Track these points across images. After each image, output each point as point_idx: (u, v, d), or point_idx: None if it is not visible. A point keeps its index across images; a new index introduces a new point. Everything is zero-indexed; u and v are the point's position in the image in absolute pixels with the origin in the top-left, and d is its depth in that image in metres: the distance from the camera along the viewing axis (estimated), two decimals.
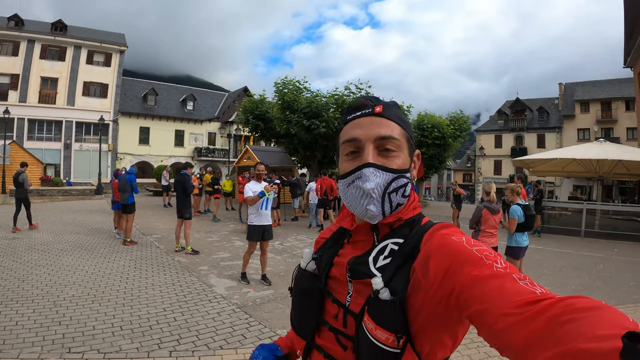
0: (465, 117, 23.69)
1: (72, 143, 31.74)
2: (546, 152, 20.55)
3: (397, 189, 0.92)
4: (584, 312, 0.53)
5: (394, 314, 0.79)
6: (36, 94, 30.72)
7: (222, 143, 40.33)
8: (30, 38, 30.58)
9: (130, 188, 9.33)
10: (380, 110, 0.95)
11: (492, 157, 44.61)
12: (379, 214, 0.91)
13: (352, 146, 0.95)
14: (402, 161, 0.94)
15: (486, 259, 0.73)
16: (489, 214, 5.81)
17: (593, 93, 39.45)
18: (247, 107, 18.87)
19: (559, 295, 0.60)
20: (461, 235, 0.83)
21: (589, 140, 36.49)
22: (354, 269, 0.92)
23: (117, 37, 35.53)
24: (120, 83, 34.08)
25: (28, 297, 5.57)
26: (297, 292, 1.07)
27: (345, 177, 0.95)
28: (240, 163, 22.71)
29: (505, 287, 0.65)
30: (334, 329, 0.93)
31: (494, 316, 0.62)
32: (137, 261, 7.92)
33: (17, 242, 9.39)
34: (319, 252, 1.10)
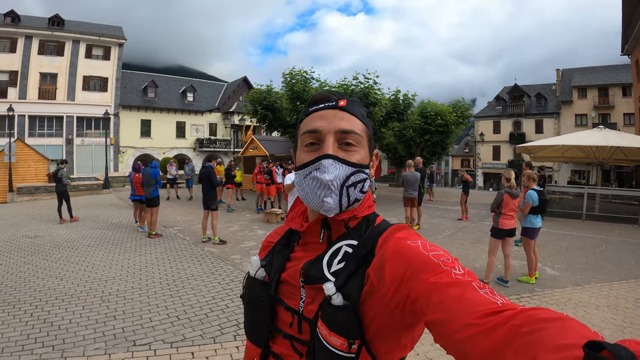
0: (467, 103, 23.86)
1: (73, 138, 31.64)
2: (548, 139, 20.94)
3: (356, 183, 0.92)
4: (545, 322, 0.53)
5: (347, 319, 0.78)
6: (36, 90, 30.53)
7: (223, 133, 40.34)
8: (27, 34, 30.27)
9: (154, 182, 9.51)
10: (344, 104, 0.95)
11: (491, 143, 44.95)
12: (336, 206, 0.90)
13: (313, 138, 0.94)
14: (361, 156, 0.94)
15: (443, 265, 0.72)
16: (510, 198, 6.26)
17: (590, 79, 39.78)
18: (255, 98, 18.99)
19: (520, 306, 0.60)
20: (417, 238, 0.83)
21: (587, 125, 36.94)
22: (307, 274, 0.91)
23: (115, 30, 35.21)
24: (120, 76, 33.87)
25: (72, 294, 5.69)
26: (248, 301, 1.03)
27: (302, 168, 0.94)
28: (246, 153, 22.89)
29: (465, 297, 0.65)
30: (288, 336, 0.92)
31: (454, 326, 0.62)
32: (169, 253, 8.11)
33: (40, 240, 9.46)
34: (267, 257, 1.07)
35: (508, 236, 6.34)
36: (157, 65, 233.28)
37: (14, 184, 19.38)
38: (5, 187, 19.31)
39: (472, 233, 11.02)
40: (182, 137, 37.94)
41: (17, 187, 19.60)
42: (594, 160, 17.47)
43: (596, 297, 5.92)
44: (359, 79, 17.42)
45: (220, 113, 40.10)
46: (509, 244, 6.45)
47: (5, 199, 19.05)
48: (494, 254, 6.33)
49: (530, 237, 6.55)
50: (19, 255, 7.94)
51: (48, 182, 21.10)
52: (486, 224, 12.41)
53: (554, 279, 6.78)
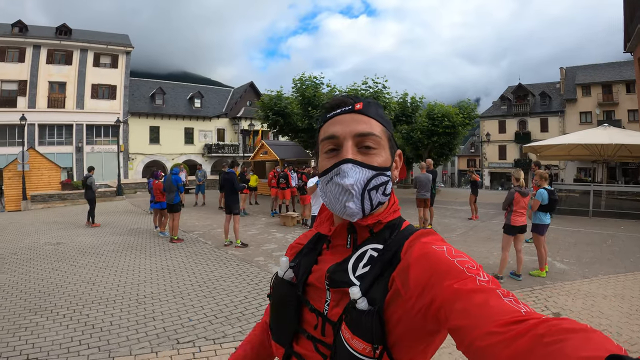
0: (473, 104, 24.07)
1: (83, 146, 32.03)
2: (554, 138, 21.17)
3: (378, 186, 0.91)
4: (568, 333, 0.52)
5: (371, 324, 0.78)
6: (45, 98, 30.94)
7: (231, 139, 40.71)
8: (35, 44, 30.71)
9: (176, 188, 9.77)
10: (360, 107, 0.94)
11: (497, 143, 45.08)
12: (359, 211, 0.90)
13: (332, 143, 0.94)
14: (382, 159, 0.93)
15: (468, 271, 0.72)
16: (520, 196, 6.60)
17: (594, 76, 39.87)
18: (265, 104, 19.28)
19: (544, 315, 0.59)
20: (442, 244, 0.82)
21: (592, 123, 37.03)
22: (332, 277, 0.91)
23: (122, 39, 35.69)
24: (128, 84, 34.30)
25: (107, 298, 5.88)
26: (275, 301, 1.04)
27: (324, 174, 0.94)
28: (256, 158, 23.14)
29: (489, 304, 0.64)
30: (312, 338, 0.92)
31: (476, 333, 0.61)
32: (193, 257, 8.37)
33: (63, 247, 9.64)
34: (295, 259, 1.08)
35: (519, 232, 6.68)
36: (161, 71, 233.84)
37: (27, 192, 19.71)
38: (19, 196, 19.67)
39: (483, 232, 11.27)
40: (191, 143, 38.35)
41: (31, 195, 19.91)
42: (599, 157, 17.88)
43: (604, 288, 6.22)
44: (368, 83, 17.70)
45: (228, 118, 40.48)
46: (520, 239, 6.79)
47: (20, 207, 19.39)
48: (507, 250, 6.67)
49: (540, 233, 6.88)
50: (45, 262, 8.12)
51: (61, 190, 21.47)
52: (495, 223, 12.75)
53: (564, 272, 7.11)
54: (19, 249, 9.56)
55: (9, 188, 19.98)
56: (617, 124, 30.59)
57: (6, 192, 19.95)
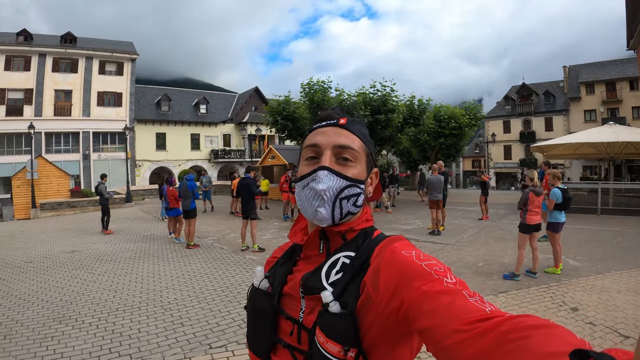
0: (479, 106, 24.17)
1: (90, 153, 32.18)
2: (561, 137, 21.30)
3: (350, 196, 0.95)
4: (533, 329, 0.53)
5: (344, 326, 0.80)
6: (51, 107, 31.11)
7: (237, 144, 40.85)
8: (41, 52, 30.92)
9: (192, 194, 9.85)
10: (344, 122, 1.00)
11: (502, 143, 45.13)
12: (329, 217, 0.94)
13: (312, 151, 0.99)
14: (357, 172, 0.97)
15: (435, 274, 0.74)
16: (534, 196, 6.76)
17: (597, 74, 39.89)
18: (274, 109, 19.38)
19: (508, 313, 0.61)
20: (411, 249, 0.85)
21: (596, 121, 37.08)
22: (306, 284, 0.93)
23: (127, 46, 35.90)
24: (133, 91, 34.45)
25: (131, 305, 5.88)
26: (251, 311, 1.05)
27: (301, 180, 0.98)
28: (264, 162, 23.22)
29: (455, 304, 0.66)
30: (288, 346, 0.94)
31: (442, 333, 0.63)
32: (212, 262, 8.41)
33: (79, 255, 9.63)
34: (271, 270, 1.10)
35: (534, 231, 6.84)
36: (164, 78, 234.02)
37: (36, 200, 19.72)
38: (28, 204, 19.68)
39: (495, 231, 11.36)
40: (197, 149, 38.46)
41: (40, 203, 19.89)
42: (606, 155, 18.00)
43: (617, 283, 6.39)
44: (376, 86, 17.76)
45: (234, 124, 40.59)
46: (535, 238, 6.94)
47: (29, 215, 19.42)
48: (523, 248, 6.79)
49: (556, 231, 7.04)
50: (63, 270, 8.10)
51: (71, 198, 21.53)
52: (506, 223, 12.87)
53: (577, 269, 7.26)
54: (34, 257, 9.58)
55: (17, 196, 20.02)
56: (621, 122, 30.54)
57: (15, 201, 19.99)
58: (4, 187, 28.88)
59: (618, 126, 17.27)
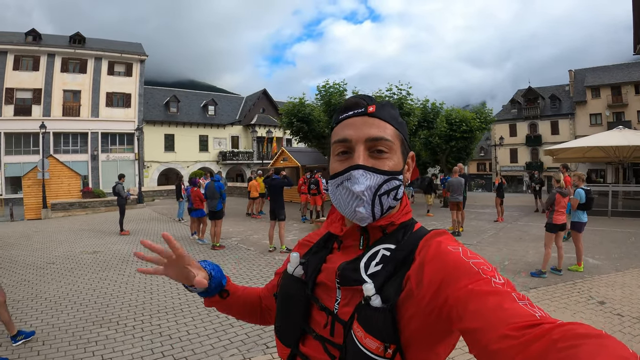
0: (489, 109, 24.26)
1: (98, 154, 32.14)
2: (573, 141, 21.47)
3: (389, 191, 0.91)
4: (583, 339, 0.51)
5: (385, 322, 0.78)
6: (60, 107, 31.06)
7: (245, 146, 40.94)
8: (50, 52, 30.90)
9: (219, 195, 9.86)
10: (373, 110, 0.93)
11: (508, 146, 45.05)
12: (369, 216, 0.90)
13: (343, 147, 0.93)
14: (394, 163, 0.92)
15: (483, 272, 0.72)
16: (561, 197, 7.07)
17: (603, 78, 39.97)
18: (289, 110, 19.44)
19: (559, 320, 0.59)
20: (457, 245, 0.82)
21: (602, 125, 37.28)
22: (344, 274, 0.90)
23: (136, 47, 35.93)
24: (142, 92, 34.45)
25: (172, 307, 5.78)
26: (283, 298, 1.02)
27: (334, 178, 0.93)
28: (276, 164, 23.26)
29: (503, 307, 0.63)
30: (320, 337, 0.90)
31: (489, 336, 0.61)
32: (242, 263, 8.40)
33: (102, 256, 9.48)
34: (305, 256, 1.05)
35: (560, 230, 7.16)
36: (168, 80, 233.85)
37: (47, 200, 19.70)
38: (39, 204, 19.66)
39: (512, 232, 11.60)
40: (205, 151, 38.51)
41: (52, 203, 19.83)
42: (615, 159, 18.55)
43: (637, 279, 6.78)
44: (392, 89, 17.82)
45: (242, 126, 40.69)
46: (560, 236, 7.27)
47: (40, 215, 19.39)
48: (550, 246, 7.10)
49: (579, 231, 7.39)
50: (90, 272, 7.93)
51: (82, 198, 21.52)
52: (521, 224, 13.11)
53: (598, 267, 7.62)
54: (55, 258, 9.41)
55: (28, 196, 20.00)
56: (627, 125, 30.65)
57: (26, 200, 19.96)
58: (12, 186, 28.92)
59: (628, 130, 17.87)
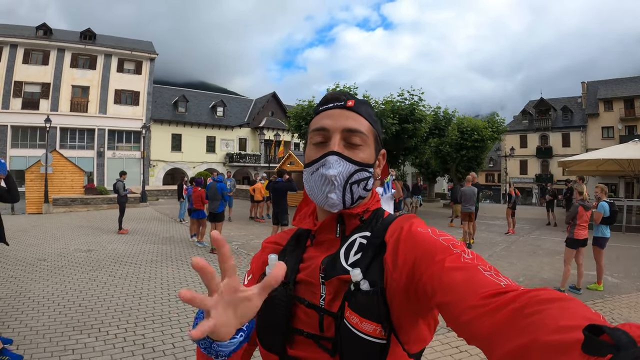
0: (501, 119, 23.89)
1: (105, 151, 32.06)
2: (588, 153, 21.13)
3: (359, 181, 0.94)
4: (547, 303, 0.53)
5: (378, 304, 0.79)
6: (68, 102, 31.09)
7: (252, 148, 40.71)
8: (60, 47, 31.01)
9: (221, 196, 9.46)
10: (352, 104, 0.96)
11: (518, 157, 44.36)
12: (340, 202, 0.92)
13: (320, 136, 0.96)
14: (366, 155, 0.96)
15: (453, 247, 0.74)
16: (583, 210, 6.60)
17: (616, 91, 39.49)
18: (298, 114, 19.05)
19: (523, 287, 0.61)
20: (426, 227, 0.86)
21: (614, 138, 36.97)
22: (327, 269, 0.90)
23: (146, 45, 35.95)
24: (151, 90, 34.42)
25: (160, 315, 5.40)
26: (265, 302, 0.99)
27: (310, 165, 0.96)
28: (282, 168, 22.95)
29: (472, 279, 0.66)
30: (312, 336, 0.89)
31: (459, 308, 0.63)
32: (241, 270, 7.81)
33: (96, 254, 9.12)
34: (280, 257, 1.02)
35: (581, 246, 6.64)
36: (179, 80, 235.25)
37: (49, 195, 19.50)
38: (41, 198, 19.44)
39: (525, 246, 11.19)
40: (212, 152, 38.37)
41: (53, 198, 19.64)
42: (629, 173, 18.12)
43: None
44: (404, 95, 17.45)
45: (250, 128, 40.49)
46: (581, 253, 6.74)
47: (41, 210, 19.18)
48: (569, 263, 6.64)
49: (601, 247, 6.86)
50: (80, 271, 7.58)
51: (84, 194, 21.27)
52: (533, 237, 12.81)
53: (617, 286, 7.20)
54: (47, 254, 9.11)
55: (30, 190, 19.75)
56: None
57: (27, 194, 19.68)
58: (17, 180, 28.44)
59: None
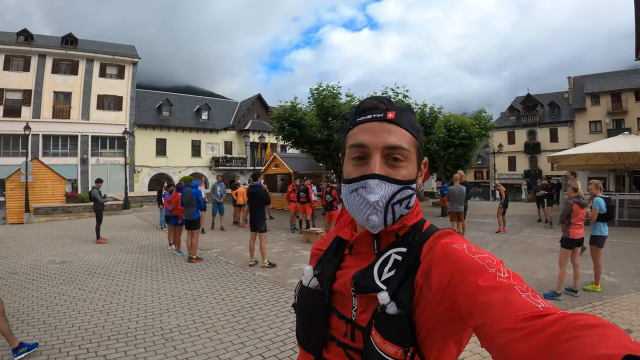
0: (489, 115, 23.74)
1: (88, 157, 31.41)
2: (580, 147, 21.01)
3: (402, 200, 0.89)
4: (586, 329, 0.51)
5: (402, 327, 0.78)
6: (50, 109, 30.39)
7: (238, 151, 40.27)
8: (41, 52, 30.28)
9: (196, 203, 9.03)
10: (392, 116, 0.90)
11: (506, 154, 44.47)
12: (381, 224, 0.89)
13: (359, 152, 0.90)
14: (409, 172, 0.90)
15: (489, 267, 0.71)
16: (579, 208, 6.26)
17: (602, 85, 39.70)
18: (280, 115, 18.59)
19: (562, 311, 0.59)
20: (462, 242, 0.82)
21: (601, 132, 37.30)
22: (358, 283, 0.89)
23: (128, 49, 35.32)
24: (134, 95, 33.80)
25: (126, 332, 5.01)
26: (302, 310, 1.03)
27: (349, 183, 0.91)
28: (268, 171, 22.56)
29: (508, 300, 0.63)
30: (342, 344, 0.91)
31: (495, 330, 0.61)
32: (218, 279, 7.60)
33: (69, 266, 8.70)
34: (318, 266, 1.05)
35: (577, 246, 6.38)
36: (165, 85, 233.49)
37: (30, 204, 18.96)
38: (22, 208, 18.92)
39: (517, 245, 11.00)
40: (198, 156, 37.89)
41: (34, 207, 19.16)
42: (620, 166, 17.91)
43: None
44: (387, 93, 17.17)
45: (235, 131, 40.06)
46: (577, 253, 6.51)
47: (22, 220, 18.64)
48: (565, 264, 6.34)
49: (599, 246, 6.62)
50: (49, 285, 7.21)
51: (66, 203, 20.81)
52: (525, 236, 12.68)
53: (615, 285, 6.92)
54: (19, 267, 8.68)
55: (11, 200, 19.27)
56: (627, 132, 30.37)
57: (8, 204, 19.21)
58: None
59: (635, 136, 17.49)
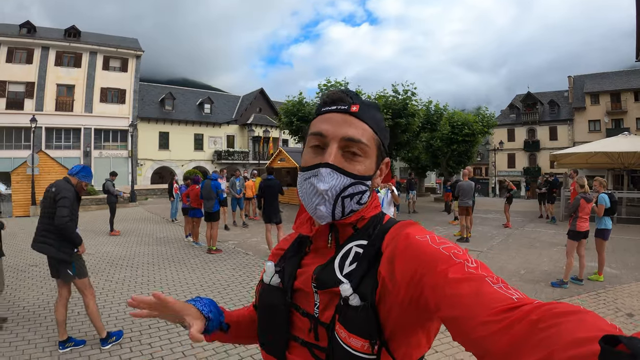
0: (491, 113, 24.02)
1: (91, 150, 31.42)
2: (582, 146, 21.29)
3: (353, 195, 0.88)
4: (563, 316, 0.53)
5: (366, 319, 0.77)
6: (53, 101, 30.37)
7: (241, 145, 40.41)
8: (44, 45, 30.20)
9: (215, 195, 9.24)
10: (356, 109, 0.89)
11: (506, 151, 44.79)
12: (328, 215, 0.88)
13: (318, 140, 0.90)
14: (365, 168, 0.90)
15: (455, 257, 0.71)
16: (585, 202, 6.73)
17: (602, 85, 40.07)
18: (289, 110, 18.82)
19: (536, 301, 0.60)
20: (425, 233, 0.81)
21: (600, 131, 37.68)
22: (319, 278, 0.88)
23: (132, 42, 35.30)
24: (137, 88, 33.83)
25: (165, 322, 4.99)
26: (264, 309, 1.00)
27: (304, 171, 0.91)
28: (273, 164, 22.74)
29: (480, 293, 0.64)
30: (306, 343, 0.89)
31: (470, 324, 0.61)
32: (241, 269, 7.80)
33: (90, 258, 8.54)
34: (279, 263, 1.04)
35: (583, 238, 6.80)
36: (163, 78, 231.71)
37: (37, 197, 18.94)
38: (28, 200, 19.01)
39: (522, 239, 11.23)
40: (200, 150, 37.95)
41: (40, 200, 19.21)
42: (619, 165, 18.30)
43: None
44: (397, 90, 17.38)
45: (238, 125, 40.17)
46: (583, 245, 6.91)
47: (28, 213, 18.75)
48: (572, 255, 6.76)
49: (604, 238, 7.01)
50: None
51: None
52: (529, 230, 12.92)
53: (617, 276, 7.33)
54: (39, 259, 8.52)
55: (17, 192, 19.32)
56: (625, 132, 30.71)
57: (14, 197, 19.27)
58: (2, 182, 28.18)
59: (634, 136, 17.81)
